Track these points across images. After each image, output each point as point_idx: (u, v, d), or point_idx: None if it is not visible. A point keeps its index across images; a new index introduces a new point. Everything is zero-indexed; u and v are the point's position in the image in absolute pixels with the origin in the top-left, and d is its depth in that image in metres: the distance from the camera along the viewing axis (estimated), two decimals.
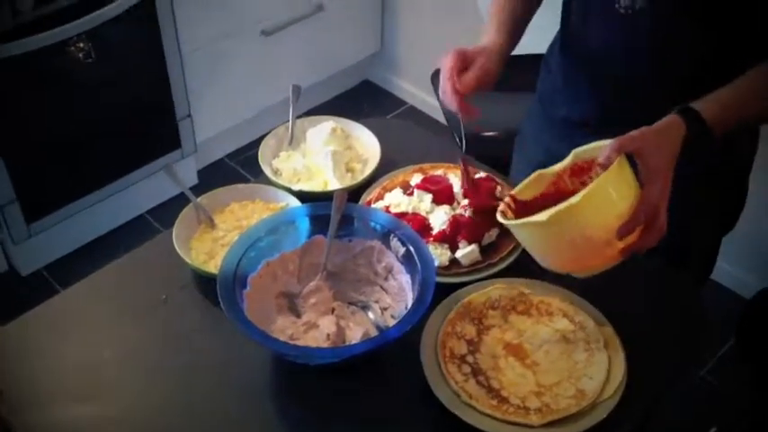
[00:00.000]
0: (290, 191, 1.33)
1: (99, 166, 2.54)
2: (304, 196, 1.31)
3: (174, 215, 1.28)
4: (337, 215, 1.17)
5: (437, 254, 1.22)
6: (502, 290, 1.19)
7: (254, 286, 1.13)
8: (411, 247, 1.13)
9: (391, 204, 1.29)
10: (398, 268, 1.16)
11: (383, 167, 1.39)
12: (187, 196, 1.30)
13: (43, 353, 1.14)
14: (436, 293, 1.14)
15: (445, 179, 1.32)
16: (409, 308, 1.07)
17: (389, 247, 1.17)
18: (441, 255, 1.22)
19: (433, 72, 1.94)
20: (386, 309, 1.17)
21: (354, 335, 1.13)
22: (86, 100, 2.44)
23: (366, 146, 1.43)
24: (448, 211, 1.27)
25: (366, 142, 1.44)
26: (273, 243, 1.17)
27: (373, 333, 1.14)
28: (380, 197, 1.32)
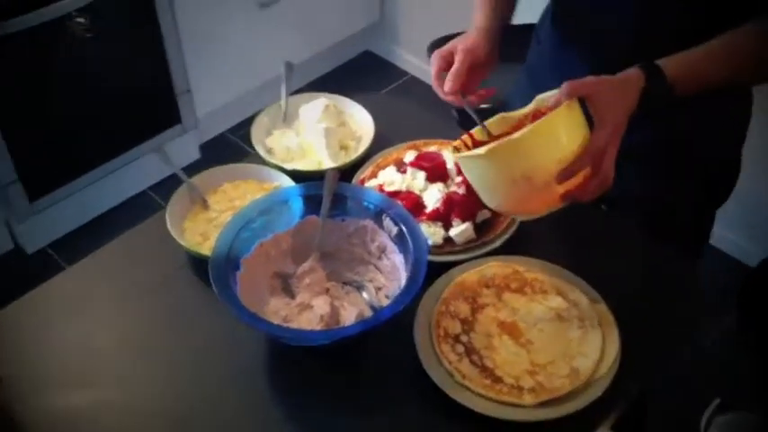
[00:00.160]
0: (283, 170, 1.32)
1: (100, 142, 2.55)
2: (297, 175, 1.30)
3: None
4: (329, 195, 1.16)
5: (431, 232, 1.21)
6: (496, 268, 1.18)
7: (248, 267, 1.13)
8: (403, 227, 1.12)
9: (384, 182, 1.28)
10: (391, 248, 1.15)
11: (377, 144, 1.38)
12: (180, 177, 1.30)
13: (39, 338, 1.15)
14: (430, 272, 1.14)
15: (439, 156, 1.31)
16: (402, 288, 1.07)
17: (382, 227, 1.16)
18: (434, 233, 1.21)
19: (429, 44, 1.92)
20: (380, 288, 1.17)
21: (348, 315, 1.13)
22: (86, 77, 2.44)
23: (360, 123, 1.42)
24: (442, 188, 1.26)
25: (360, 119, 1.43)
26: (266, 224, 1.17)
27: (367, 313, 1.14)
28: (374, 175, 1.31)
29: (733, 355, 1.35)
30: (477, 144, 1.12)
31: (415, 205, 1.24)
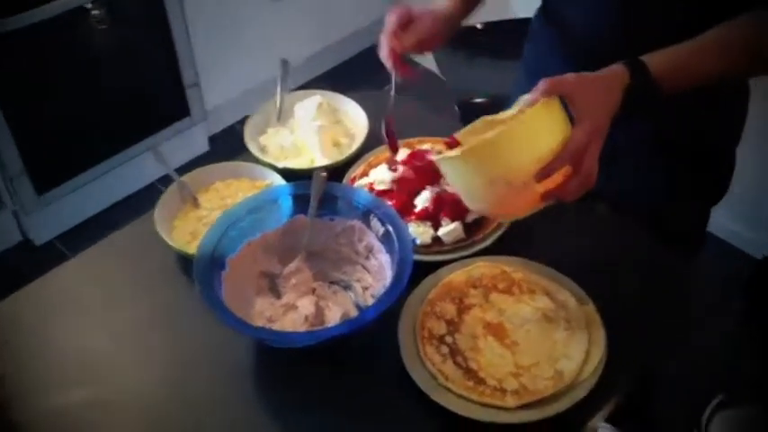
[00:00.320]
0: (275, 168, 1.32)
1: (109, 135, 2.56)
2: (290, 174, 1.30)
3: None
4: (317, 196, 1.16)
5: (419, 232, 1.21)
6: (484, 268, 1.17)
7: (234, 267, 1.13)
8: (390, 227, 1.12)
9: (375, 181, 1.28)
10: (378, 247, 1.15)
11: (371, 142, 1.37)
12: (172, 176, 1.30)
13: (28, 338, 1.16)
14: (419, 272, 1.14)
15: (431, 154, 1.30)
16: (386, 287, 1.06)
17: (370, 227, 1.16)
18: (423, 233, 1.21)
19: None
20: (367, 288, 1.17)
21: (333, 315, 1.13)
22: (96, 69, 2.46)
23: (354, 120, 1.42)
24: (432, 187, 1.25)
25: (354, 116, 1.42)
26: (255, 222, 1.17)
27: (353, 313, 1.14)
28: (365, 173, 1.31)
29: (736, 352, 1.33)
30: (459, 146, 1.10)
31: (405, 204, 1.23)
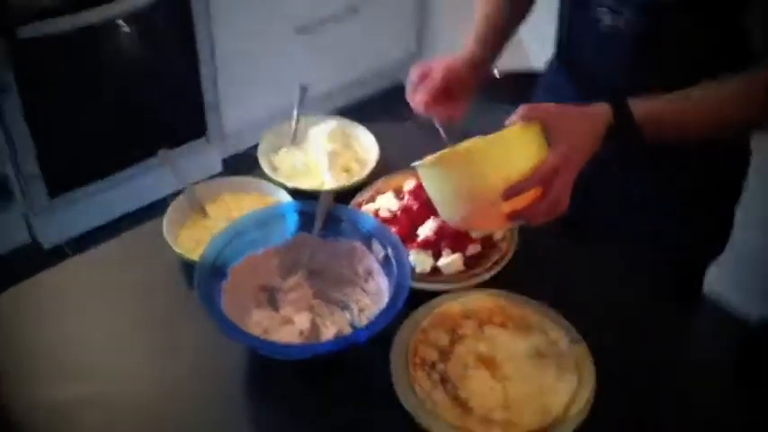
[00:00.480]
0: (285, 188, 1.34)
1: (125, 147, 2.60)
2: (299, 194, 1.33)
3: None
4: (322, 215, 1.18)
5: (420, 260, 1.22)
6: (480, 300, 1.18)
7: (235, 277, 1.15)
8: (390, 251, 1.14)
9: (381, 208, 1.30)
10: (378, 270, 1.16)
11: (380, 170, 1.40)
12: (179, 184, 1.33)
13: (26, 331, 1.17)
14: (416, 300, 1.15)
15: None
16: (381, 310, 1.08)
17: (371, 250, 1.17)
18: (423, 261, 1.22)
19: None
20: (363, 310, 1.18)
21: (329, 333, 1.14)
22: (119, 81, 2.51)
23: (366, 148, 1.45)
24: (436, 218, 1.27)
25: (366, 144, 1.45)
26: (260, 236, 1.19)
27: (348, 332, 1.15)
28: (372, 200, 1.33)
29: (730, 410, 1.32)
30: None
31: (408, 233, 1.25)
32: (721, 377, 1.21)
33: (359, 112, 3.13)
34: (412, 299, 1.12)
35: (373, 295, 1.18)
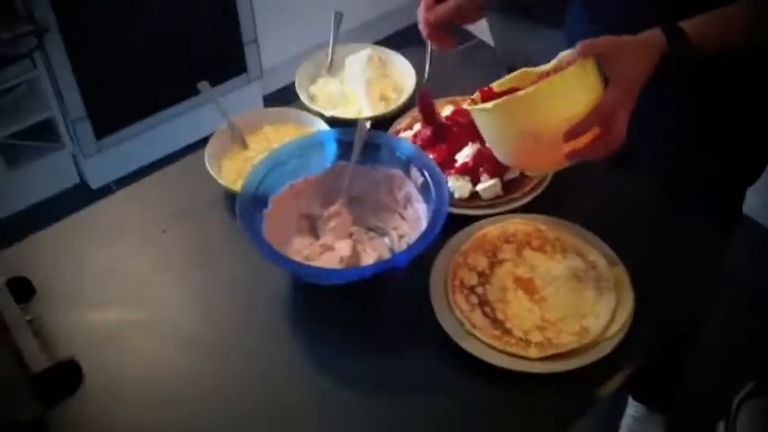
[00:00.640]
0: (322, 117, 1.35)
1: (167, 86, 2.62)
2: (336, 122, 1.33)
3: None
4: (360, 143, 1.19)
5: (458, 186, 1.23)
6: (519, 225, 1.19)
7: (276, 206, 1.17)
8: (428, 177, 1.14)
9: (418, 134, 1.30)
10: (416, 197, 1.18)
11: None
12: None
13: (75, 259, 1.22)
14: (454, 225, 1.17)
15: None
16: (420, 234, 1.09)
17: (410, 176, 1.18)
18: (461, 187, 1.23)
19: None
20: (402, 236, 1.20)
21: (368, 259, 1.16)
22: (157, 21, 2.51)
23: (403, 75, 1.44)
24: (474, 144, 1.27)
25: (403, 71, 1.45)
26: (299, 165, 1.20)
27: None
28: (410, 127, 1.33)
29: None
30: (495, 96, 1.12)
31: (446, 159, 1.26)
32: (760, 297, 1.21)
33: (395, 43, 3.11)
34: (451, 224, 1.13)
35: (412, 222, 1.19)
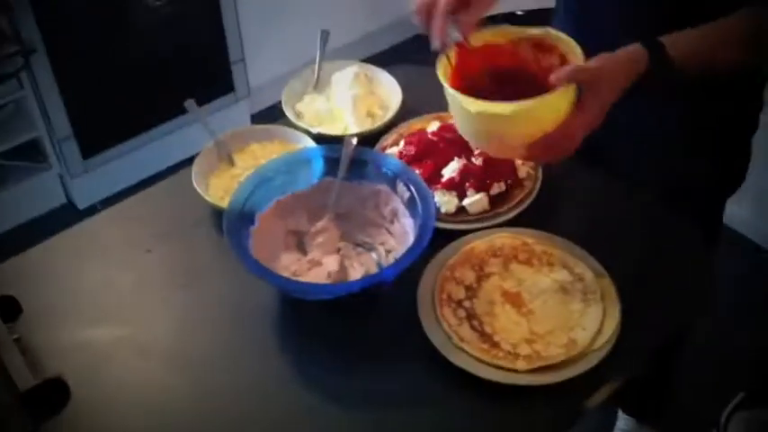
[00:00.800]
0: (309, 133, 1.36)
1: (154, 106, 2.63)
2: (323, 139, 1.34)
3: None
4: (346, 159, 1.20)
5: (445, 200, 1.23)
6: (505, 239, 1.20)
7: (263, 222, 1.17)
8: (415, 192, 1.15)
9: (404, 151, 1.31)
10: (403, 212, 1.18)
11: (404, 114, 1.40)
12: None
13: (62, 278, 1.21)
14: (441, 239, 1.17)
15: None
16: (407, 249, 1.09)
17: (396, 192, 1.19)
18: (448, 202, 1.23)
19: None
20: (390, 251, 1.20)
21: (356, 274, 1.16)
22: (147, 41, 2.53)
23: (389, 92, 1.45)
24: (460, 159, 1.28)
25: (389, 89, 1.45)
26: (286, 182, 1.21)
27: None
28: (396, 143, 1.34)
29: (761, 351, 1.32)
30: (464, 53, 1.14)
31: (432, 174, 1.26)
32: (749, 309, 1.22)
33: (381, 61, 3.12)
34: (438, 239, 1.14)
35: (399, 236, 1.19)
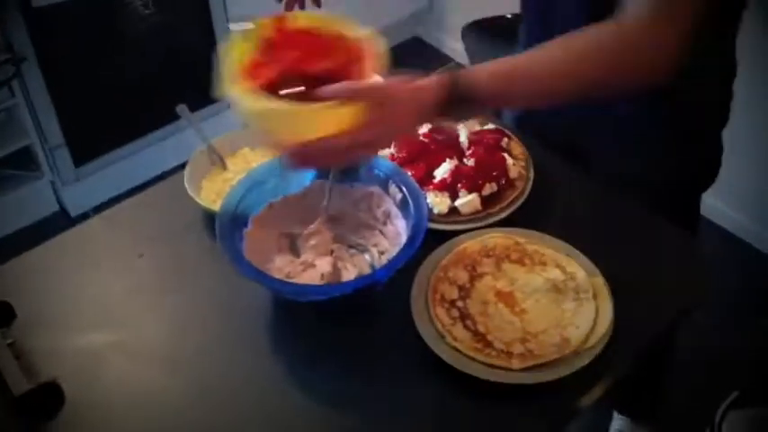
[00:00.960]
0: None
1: (146, 113, 2.63)
2: None
3: None
4: None
5: (437, 201, 1.24)
6: (498, 239, 1.20)
7: (256, 225, 1.17)
8: (407, 193, 1.15)
9: (396, 152, 1.31)
10: (396, 213, 1.18)
11: None
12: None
13: (55, 283, 1.21)
14: (434, 240, 1.18)
15: (453, 129, 1.34)
16: (399, 250, 1.10)
17: (388, 193, 1.19)
18: (440, 202, 1.24)
19: (464, 26, 1.94)
20: (383, 253, 1.20)
21: (349, 276, 1.16)
22: (136, 48, 2.53)
23: None
24: (452, 160, 1.28)
25: None
26: (278, 185, 1.21)
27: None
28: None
29: (754, 350, 1.32)
30: (286, 35, 1.15)
31: (424, 175, 1.27)
32: (742, 308, 1.23)
33: None
34: (431, 240, 1.14)
35: (392, 238, 1.20)
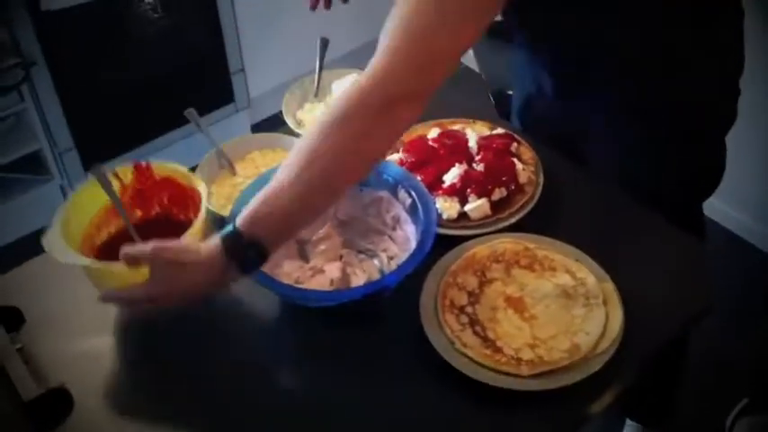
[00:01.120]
0: None
1: (155, 117, 2.63)
2: None
3: None
4: None
5: (446, 206, 1.24)
6: (507, 244, 1.20)
7: None
8: (416, 198, 1.15)
9: (405, 158, 1.31)
10: (405, 218, 1.18)
11: None
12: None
13: (64, 287, 1.21)
14: (443, 245, 1.17)
15: (462, 134, 1.34)
16: (409, 255, 1.09)
17: (397, 198, 1.19)
18: (450, 208, 1.24)
19: None
20: (392, 258, 1.20)
21: (359, 281, 1.16)
22: (145, 53, 2.53)
23: None
24: (461, 165, 1.28)
25: None
26: None
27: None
28: (396, 150, 1.34)
29: (763, 357, 1.31)
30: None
31: (434, 180, 1.27)
32: (751, 314, 1.22)
33: None
34: (440, 245, 1.14)
35: (401, 243, 1.19)
